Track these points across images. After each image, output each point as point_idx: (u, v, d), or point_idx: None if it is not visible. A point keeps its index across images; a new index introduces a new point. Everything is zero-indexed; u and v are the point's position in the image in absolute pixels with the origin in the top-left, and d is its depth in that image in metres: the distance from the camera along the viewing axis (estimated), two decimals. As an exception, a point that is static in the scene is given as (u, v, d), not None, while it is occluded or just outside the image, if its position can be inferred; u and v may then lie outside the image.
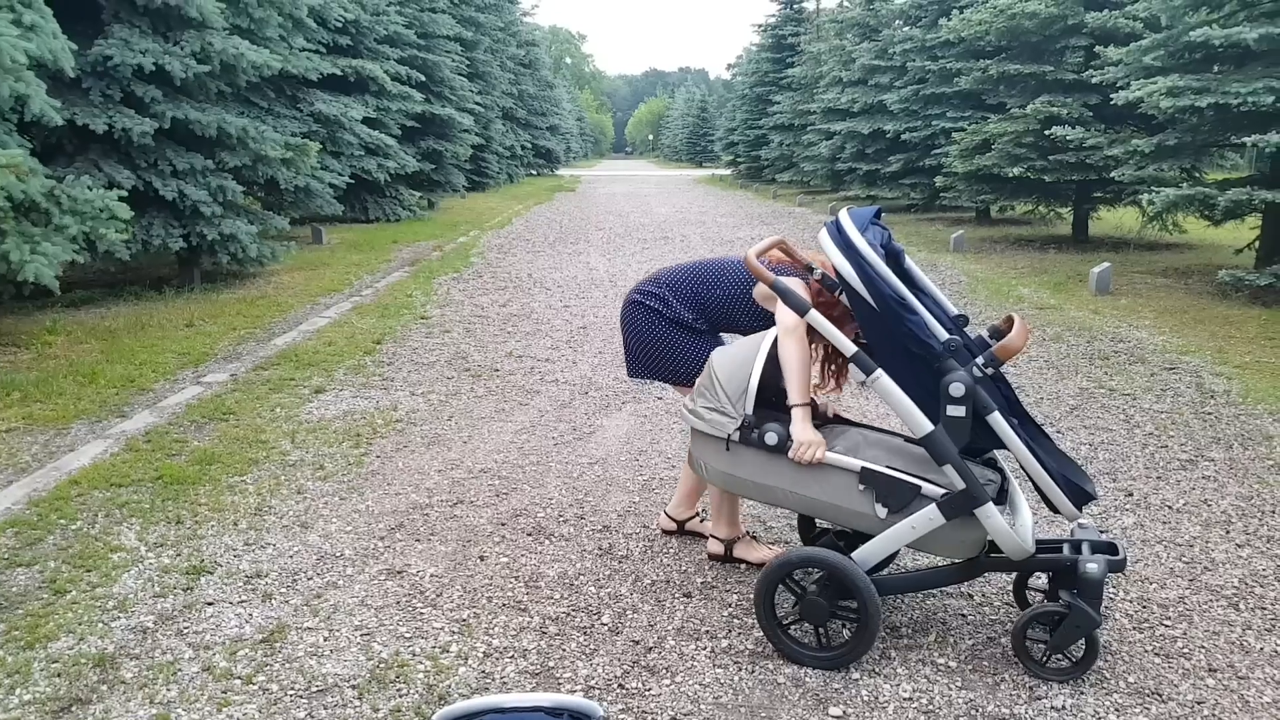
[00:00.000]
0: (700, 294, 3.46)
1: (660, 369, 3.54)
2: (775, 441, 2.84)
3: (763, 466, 2.90)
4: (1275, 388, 5.78)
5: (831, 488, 2.83)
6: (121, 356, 6.48)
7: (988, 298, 9.24)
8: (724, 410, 2.92)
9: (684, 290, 3.48)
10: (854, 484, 2.80)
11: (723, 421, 2.92)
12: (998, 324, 2.93)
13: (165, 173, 8.39)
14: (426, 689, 2.73)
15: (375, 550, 3.64)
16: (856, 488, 2.80)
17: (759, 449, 2.88)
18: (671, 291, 3.49)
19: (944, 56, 16.56)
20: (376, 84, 15.76)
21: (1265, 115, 8.58)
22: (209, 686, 2.76)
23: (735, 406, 2.91)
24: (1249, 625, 3.09)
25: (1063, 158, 12.21)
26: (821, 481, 2.84)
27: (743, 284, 3.39)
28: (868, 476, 2.78)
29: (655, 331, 3.49)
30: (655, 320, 3.49)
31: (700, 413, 2.98)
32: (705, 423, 2.96)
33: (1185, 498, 4.15)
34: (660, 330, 3.48)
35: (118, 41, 7.92)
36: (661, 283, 3.53)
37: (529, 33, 39.04)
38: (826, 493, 2.84)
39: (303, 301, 8.85)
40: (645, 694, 2.73)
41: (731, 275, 3.45)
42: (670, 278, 3.54)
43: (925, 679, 2.79)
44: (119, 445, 4.78)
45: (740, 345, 3.08)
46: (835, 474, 2.82)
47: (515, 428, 5.19)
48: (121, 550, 3.62)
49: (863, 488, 2.79)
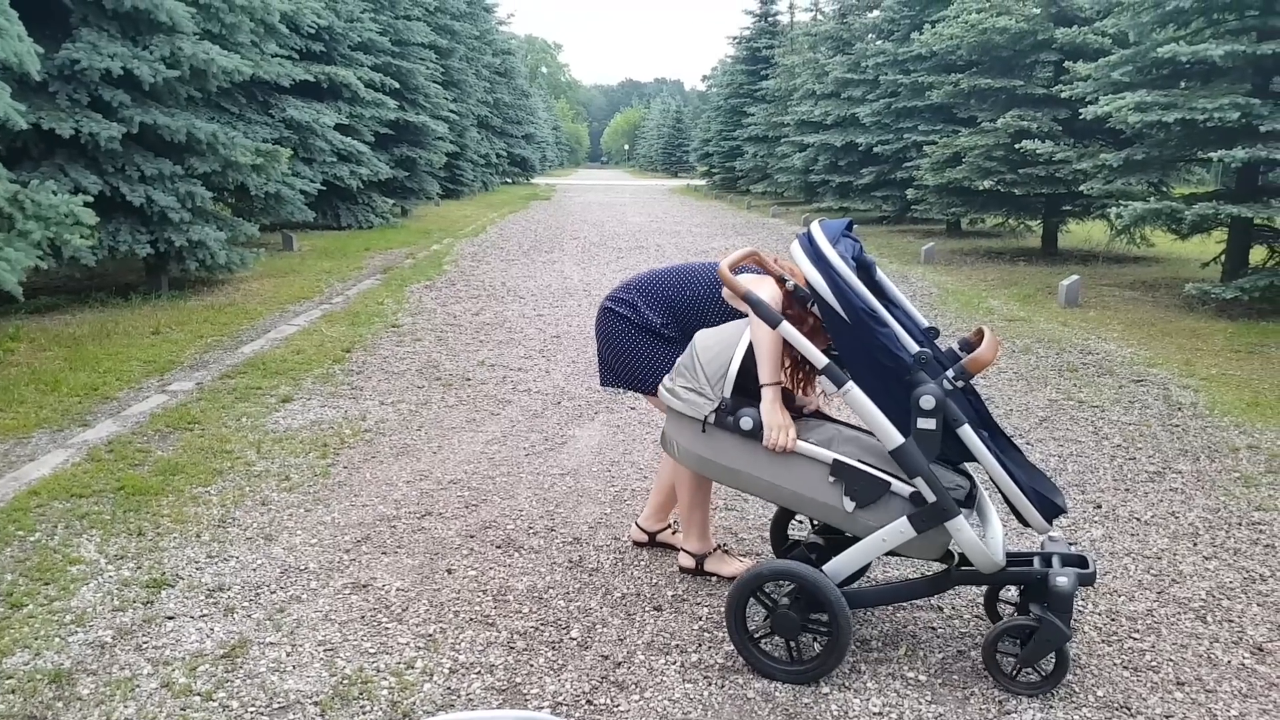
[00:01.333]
0: (670, 298, 3.44)
1: (629, 377, 3.51)
2: (750, 427, 2.83)
3: (735, 451, 2.88)
4: (1241, 400, 5.84)
5: (802, 477, 2.83)
6: (85, 364, 6.38)
7: (958, 310, 9.30)
8: (702, 391, 2.91)
9: (654, 295, 3.46)
10: (824, 475, 2.80)
11: (700, 403, 2.90)
12: (968, 336, 2.93)
13: (133, 178, 8.28)
14: (390, 706, 2.69)
15: (340, 563, 3.58)
16: (827, 479, 2.80)
17: (733, 433, 2.86)
18: (641, 297, 3.47)
19: (916, 70, 16.70)
20: (350, 90, 15.68)
21: (1231, 130, 8.70)
22: (168, 703, 2.70)
23: (714, 388, 2.89)
24: (1216, 638, 3.10)
25: (1032, 171, 12.34)
26: (793, 470, 2.83)
27: (713, 286, 3.38)
28: (839, 469, 2.78)
29: (624, 339, 3.47)
30: (625, 327, 3.47)
31: (678, 391, 2.96)
32: (682, 402, 2.94)
33: (1153, 510, 4.18)
34: (629, 338, 3.46)
35: (85, 45, 7.81)
36: (631, 289, 3.52)
37: (504, 41, 39.03)
38: (796, 482, 2.83)
39: (272, 309, 8.76)
40: (613, 710, 2.69)
41: (701, 278, 3.44)
42: (640, 283, 3.52)
43: (895, 693, 2.78)
44: (80, 455, 4.69)
45: (726, 328, 3.07)
46: (807, 464, 2.82)
47: (486, 438, 5.15)
48: (81, 563, 3.54)
49: (833, 479, 2.79)
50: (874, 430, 2.74)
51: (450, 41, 25.16)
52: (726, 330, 3.05)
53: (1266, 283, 8.40)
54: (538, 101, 53.32)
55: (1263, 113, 8.28)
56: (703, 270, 3.45)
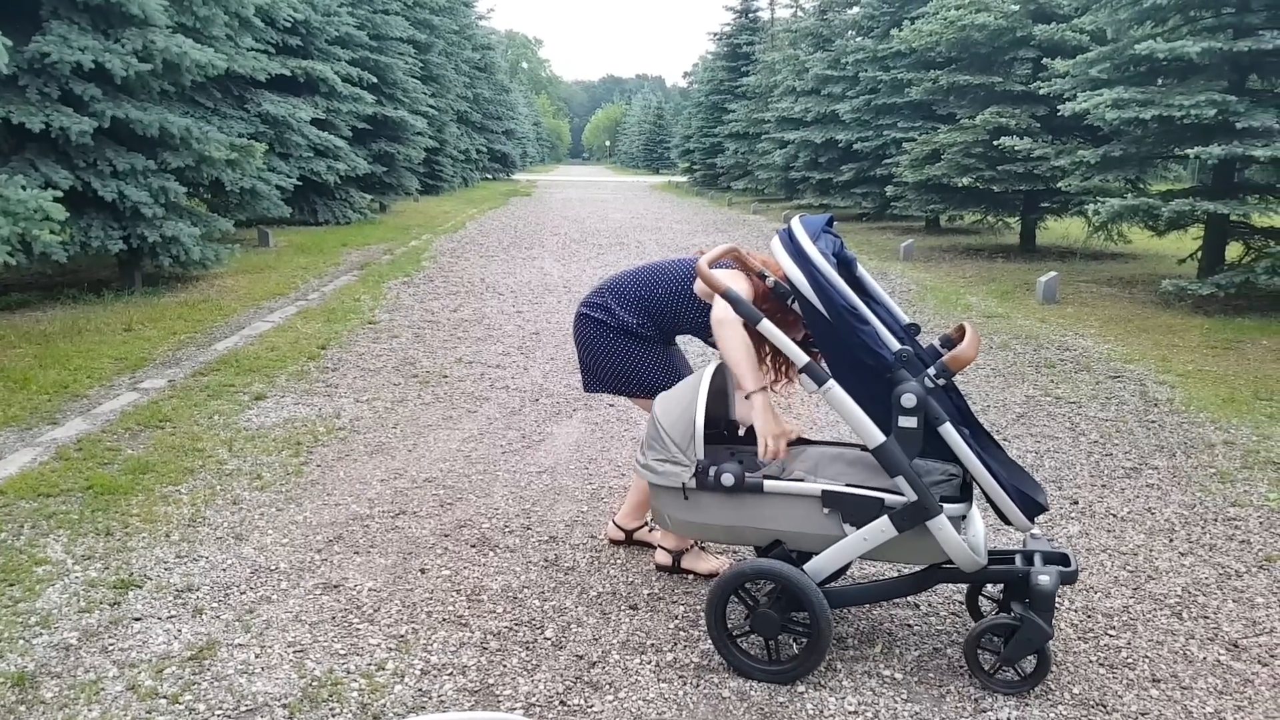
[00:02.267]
0: (644, 297, 3.41)
1: (611, 381, 3.48)
2: (731, 482, 2.77)
3: (724, 509, 2.83)
4: (1217, 396, 5.87)
5: (796, 516, 2.78)
6: (56, 361, 6.28)
7: (936, 306, 9.31)
8: (675, 460, 2.84)
9: (627, 295, 3.42)
10: (817, 508, 2.75)
11: (676, 471, 2.84)
12: (949, 333, 2.91)
13: (105, 173, 8.17)
14: (360, 708, 2.64)
15: (312, 563, 3.53)
16: (821, 511, 2.75)
17: (716, 491, 2.81)
18: (615, 299, 3.43)
19: (895, 67, 16.74)
20: (327, 85, 15.54)
21: (1207, 128, 8.75)
22: (133, 706, 2.64)
23: (686, 454, 2.82)
24: (1192, 635, 3.10)
25: (1011, 168, 12.38)
26: (786, 512, 2.78)
27: (685, 281, 3.34)
28: (830, 498, 2.74)
29: (603, 343, 3.43)
30: (602, 331, 3.43)
31: (652, 466, 2.89)
32: (659, 475, 2.87)
33: (1129, 506, 4.18)
34: (607, 341, 3.42)
35: (56, 38, 7.69)
36: (605, 291, 3.48)
37: (484, 37, 38.82)
38: (792, 522, 2.79)
39: (246, 305, 8.67)
40: (587, 711, 2.66)
41: (673, 273, 3.40)
42: (612, 285, 3.49)
43: (871, 691, 2.76)
44: (49, 454, 4.61)
45: (678, 389, 3.00)
46: (797, 502, 2.77)
47: (463, 436, 5.10)
48: (47, 563, 3.48)
49: (827, 510, 2.74)
50: (855, 429, 2.71)
51: (429, 36, 25.01)
52: (680, 389, 2.99)
53: (1242, 279, 8.45)
54: (518, 97, 53.11)
55: (1239, 109, 8.33)
56: (673, 267, 3.42)
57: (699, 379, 2.95)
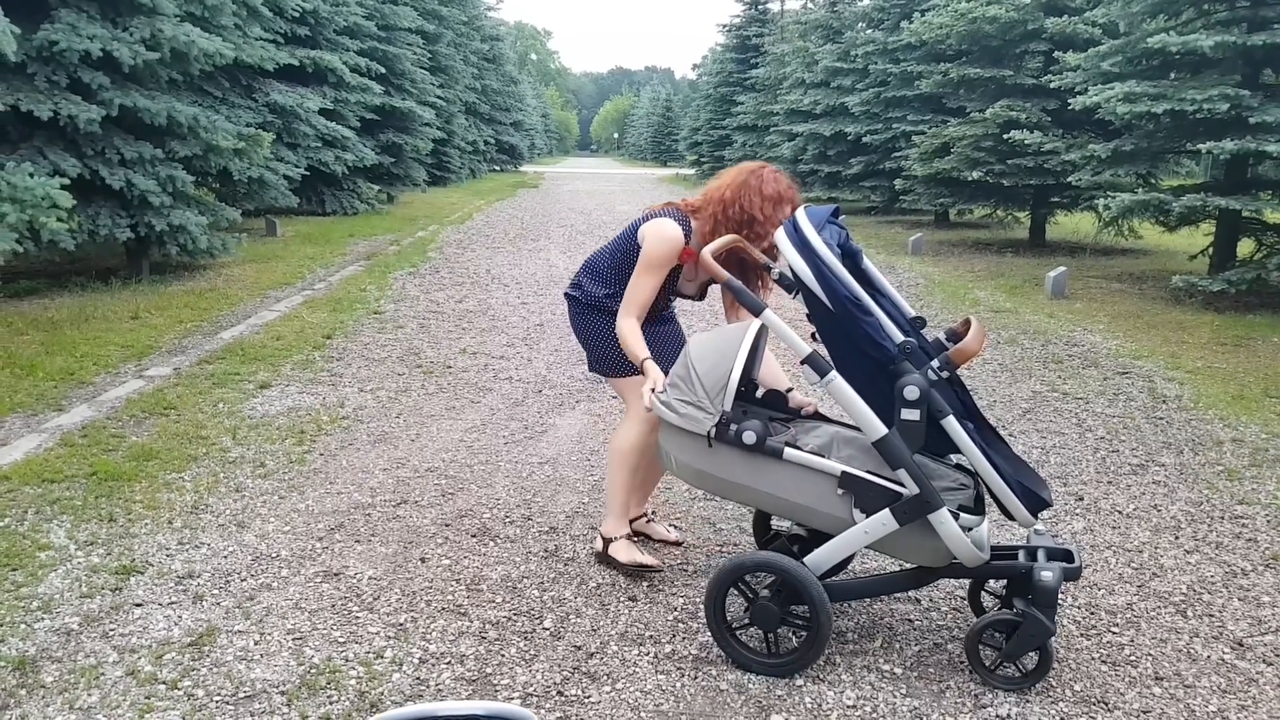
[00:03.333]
0: (608, 265, 3.39)
1: (591, 359, 3.50)
2: (753, 440, 2.71)
3: (737, 465, 2.77)
4: (1226, 393, 5.83)
5: (809, 491, 2.73)
6: (62, 348, 6.29)
7: (944, 300, 9.27)
8: (700, 404, 2.77)
9: (596, 267, 3.44)
10: (833, 488, 2.71)
11: (700, 417, 2.77)
12: (954, 327, 2.89)
13: (113, 161, 8.17)
14: (358, 696, 2.64)
15: (313, 551, 3.53)
16: (836, 492, 2.71)
17: (734, 446, 2.76)
18: (584, 273, 3.46)
19: (905, 59, 16.65)
20: (335, 75, 15.53)
21: (1220, 122, 8.68)
22: (132, 691, 2.65)
23: (714, 402, 2.75)
24: (1196, 633, 3.08)
25: (1021, 162, 12.31)
26: (800, 484, 2.73)
27: (630, 237, 3.33)
28: (848, 481, 2.70)
29: (580, 321, 3.47)
30: (578, 309, 3.47)
31: (674, 405, 2.81)
32: (680, 416, 2.80)
33: (1135, 503, 4.15)
34: (583, 319, 3.45)
35: (64, 26, 7.68)
36: (580, 269, 3.51)
37: (493, 28, 38.78)
38: (804, 495, 2.74)
39: (253, 295, 8.68)
40: (584, 701, 2.65)
41: (624, 233, 3.38)
42: (587, 260, 3.51)
43: (870, 686, 2.74)
44: (54, 440, 4.62)
45: (720, 334, 2.94)
46: (814, 476, 2.72)
47: (465, 426, 5.10)
48: (50, 549, 3.48)
49: (841, 492, 2.70)
50: (856, 421, 2.69)
51: (438, 27, 24.96)
52: (721, 336, 2.92)
53: (1254, 275, 8.40)
54: (526, 89, 53.05)
55: (1252, 104, 8.26)
56: (630, 228, 3.38)
57: (743, 330, 2.89)
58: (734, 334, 2.89)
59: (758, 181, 3.16)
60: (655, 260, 3.20)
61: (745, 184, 3.17)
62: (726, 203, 3.15)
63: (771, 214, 3.14)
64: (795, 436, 2.98)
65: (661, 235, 3.19)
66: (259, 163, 9.96)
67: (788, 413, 3.20)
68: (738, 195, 3.16)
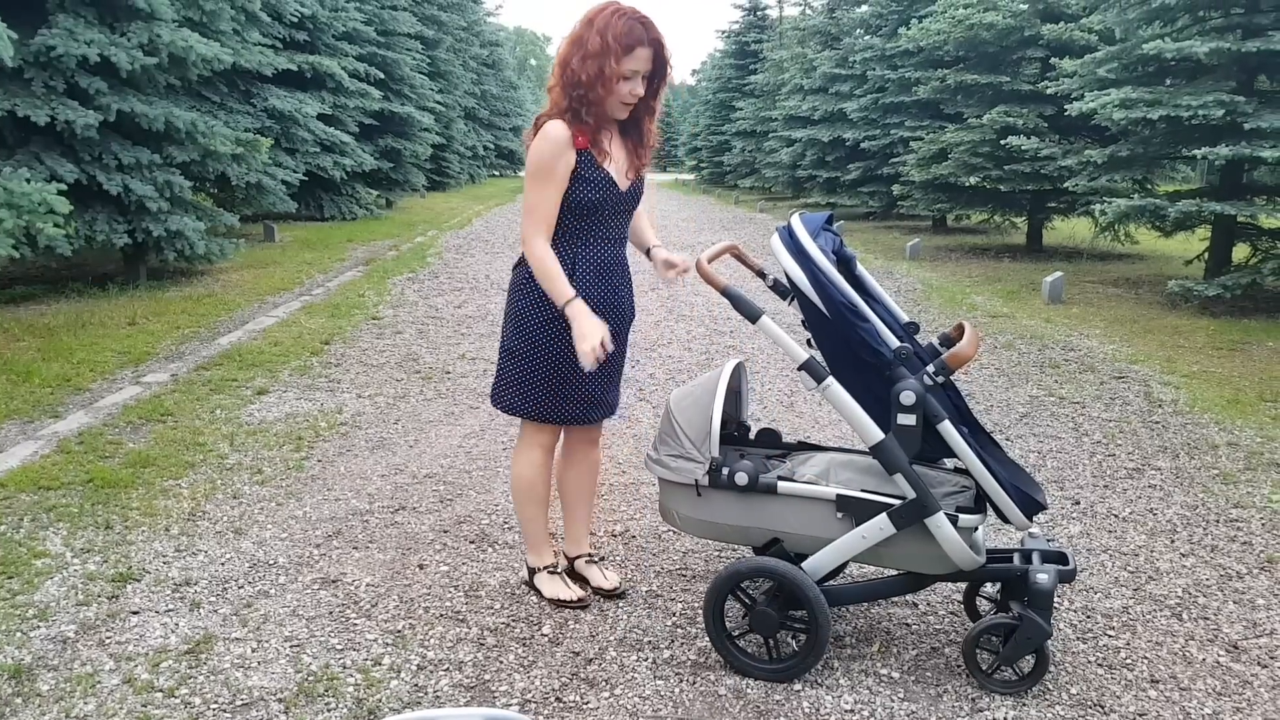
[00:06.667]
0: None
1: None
2: (746, 481, 2.75)
3: (737, 509, 2.81)
4: (1222, 397, 5.84)
5: (808, 518, 2.76)
6: (59, 355, 6.29)
7: (941, 305, 9.28)
8: (689, 455, 2.82)
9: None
10: (832, 512, 2.74)
11: (690, 468, 2.81)
12: (948, 332, 2.90)
13: (110, 167, 8.19)
14: (356, 703, 2.64)
15: (310, 558, 3.53)
16: (835, 515, 2.74)
17: (730, 490, 2.79)
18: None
19: (903, 66, 16.69)
20: (334, 80, 15.56)
21: (1215, 128, 8.71)
22: (128, 700, 2.65)
23: (701, 450, 2.80)
24: (1191, 636, 3.08)
25: (1018, 168, 12.33)
26: (800, 514, 2.77)
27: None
28: (844, 502, 2.72)
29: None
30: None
31: (665, 461, 2.86)
32: (672, 471, 2.84)
33: (1131, 506, 4.16)
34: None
35: (62, 32, 7.69)
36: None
37: (492, 33, 38.90)
38: (804, 524, 2.77)
39: (251, 300, 8.68)
40: (583, 707, 2.65)
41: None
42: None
43: (868, 690, 2.75)
44: (50, 447, 4.62)
45: (697, 384, 2.99)
46: (811, 505, 2.75)
47: (464, 431, 5.10)
48: (46, 556, 3.48)
49: (840, 515, 2.73)
50: (853, 426, 2.71)
51: (437, 32, 25.04)
52: (698, 385, 2.96)
53: (1249, 280, 8.41)
54: (526, 94, 53.16)
55: (1247, 110, 8.28)
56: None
57: (717, 376, 2.93)
58: (709, 380, 2.94)
59: (587, 31, 2.76)
60: (542, 164, 2.81)
61: (577, 39, 2.78)
62: (561, 64, 2.81)
63: (597, 74, 2.74)
64: (791, 469, 3.01)
65: (541, 136, 2.82)
66: (257, 168, 9.98)
67: (784, 448, 3.21)
68: (567, 57, 2.80)
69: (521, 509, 3.23)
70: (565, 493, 3.34)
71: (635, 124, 2.99)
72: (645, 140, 3.02)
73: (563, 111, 2.84)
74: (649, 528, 3.88)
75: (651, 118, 3.01)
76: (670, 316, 8.37)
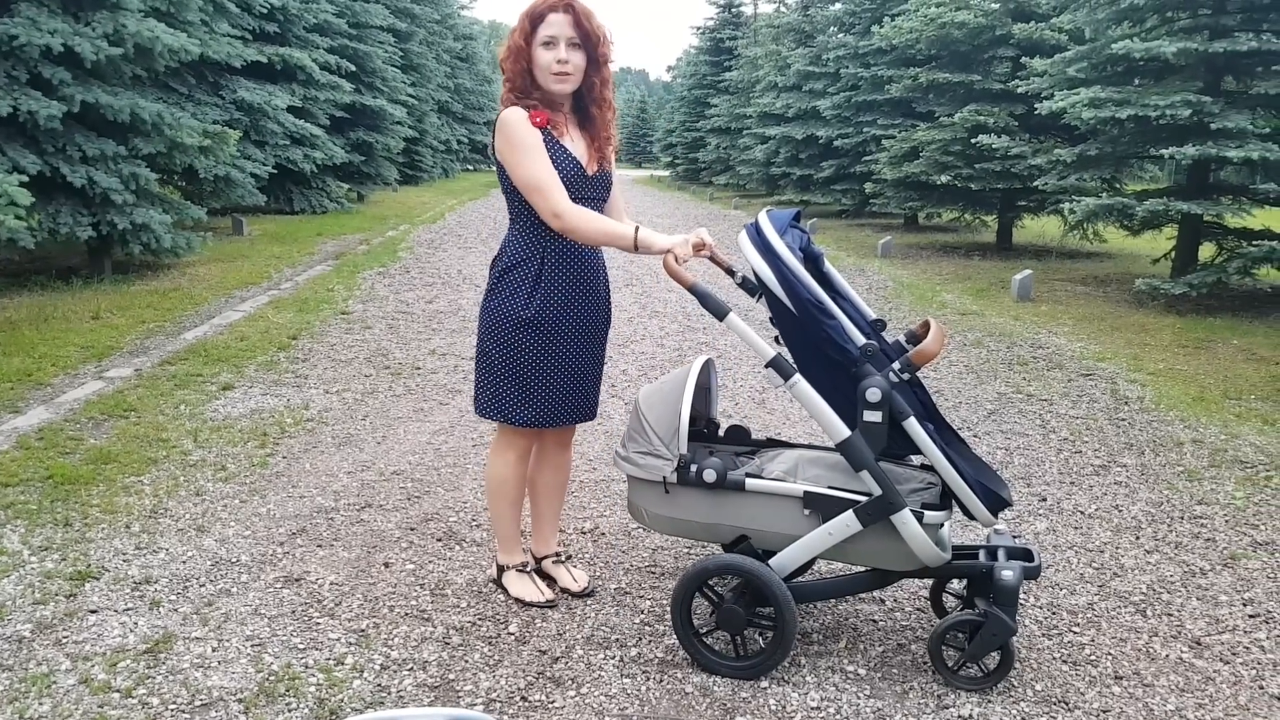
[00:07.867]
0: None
1: None
2: (714, 478, 2.74)
3: (705, 506, 2.80)
4: (1187, 394, 5.90)
5: (776, 516, 2.76)
6: (20, 349, 6.18)
7: (912, 303, 9.33)
8: (657, 453, 2.81)
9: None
10: (799, 509, 2.74)
11: (658, 465, 2.81)
12: (914, 329, 2.91)
13: (74, 158, 8.05)
14: (317, 703, 2.60)
15: (274, 556, 3.49)
16: (802, 513, 2.73)
17: (698, 488, 2.79)
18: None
19: (876, 64, 16.77)
20: (304, 73, 15.40)
21: (1182, 128, 8.80)
22: (85, 700, 2.60)
23: (669, 447, 2.79)
24: (1155, 632, 3.11)
25: (988, 166, 12.42)
26: (767, 511, 2.76)
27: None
28: (811, 499, 2.72)
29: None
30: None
31: (633, 458, 2.85)
32: (640, 468, 2.84)
33: (1097, 503, 4.19)
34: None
35: (24, 20, 7.55)
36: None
37: (466, 26, 38.67)
38: (772, 521, 2.77)
39: (217, 294, 8.57)
40: (548, 706, 2.63)
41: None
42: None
43: (834, 687, 2.74)
44: (9, 443, 4.54)
45: (665, 381, 2.98)
46: (779, 502, 2.75)
47: (433, 428, 5.06)
48: (2, 554, 3.41)
49: (808, 512, 2.73)
50: (820, 423, 2.70)
51: (410, 25, 24.87)
52: (667, 382, 2.95)
53: (1215, 279, 8.51)
54: (500, 88, 52.85)
55: (1214, 110, 8.38)
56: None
57: (685, 373, 2.92)
58: (678, 377, 2.94)
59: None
60: (517, 139, 2.88)
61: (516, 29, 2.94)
62: (501, 61, 2.98)
63: (519, 49, 2.91)
64: (760, 466, 3.00)
65: (502, 124, 2.92)
66: (225, 160, 9.86)
67: (753, 445, 3.21)
68: (504, 53, 2.97)
69: (494, 506, 3.20)
70: (535, 492, 3.32)
71: (588, 116, 3.01)
72: (601, 131, 3.03)
73: (511, 103, 2.93)
74: (618, 525, 3.86)
75: (603, 108, 3.02)
76: (643, 313, 8.36)
